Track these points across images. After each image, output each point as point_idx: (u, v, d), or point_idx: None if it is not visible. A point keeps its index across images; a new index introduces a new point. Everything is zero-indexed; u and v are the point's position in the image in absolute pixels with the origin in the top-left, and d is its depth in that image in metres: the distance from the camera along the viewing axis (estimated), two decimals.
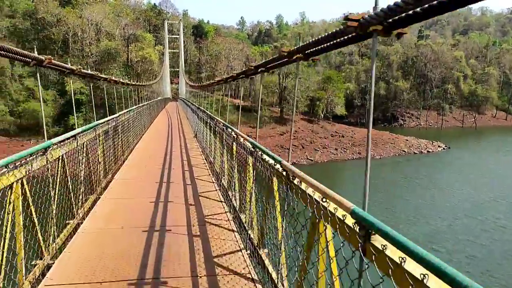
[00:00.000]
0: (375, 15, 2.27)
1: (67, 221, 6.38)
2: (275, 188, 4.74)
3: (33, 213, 4.91)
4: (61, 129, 45.81)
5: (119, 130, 12.35)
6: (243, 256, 5.25)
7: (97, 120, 10.96)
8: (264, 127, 58.43)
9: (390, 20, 2.25)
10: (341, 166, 50.68)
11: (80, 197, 7.23)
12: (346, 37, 2.85)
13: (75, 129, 7.70)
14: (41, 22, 56.58)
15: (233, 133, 8.14)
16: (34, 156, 4.85)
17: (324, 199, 2.99)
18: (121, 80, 16.22)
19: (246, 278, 4.65)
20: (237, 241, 5.76)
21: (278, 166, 4.40)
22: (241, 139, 7.18)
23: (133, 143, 15.78)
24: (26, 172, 4.57)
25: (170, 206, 7.47)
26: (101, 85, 20.73)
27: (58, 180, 5.93)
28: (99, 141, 9.20)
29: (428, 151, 59.10)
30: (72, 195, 6.61)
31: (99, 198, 8.05)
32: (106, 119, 10.23)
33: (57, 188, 5.81)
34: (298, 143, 55.35)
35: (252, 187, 5.96)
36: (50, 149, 5.35)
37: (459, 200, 33.36)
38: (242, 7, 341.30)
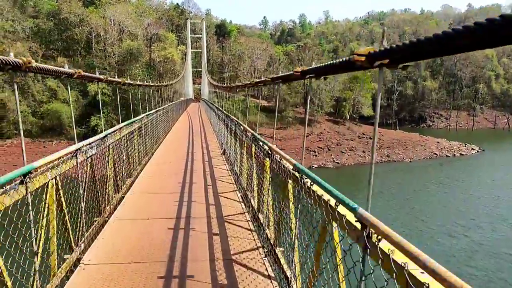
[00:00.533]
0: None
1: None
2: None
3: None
4: (83, 130, 45.28)
5: (113, 154, 8.84)
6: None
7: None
8: (288, 128, 56.83)
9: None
10: (369, 169, 48.55)
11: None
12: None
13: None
14: (64, 23, 56.37)
15: (313, 187, 3.80)
16: None
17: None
18: (129, 82, 13.81)
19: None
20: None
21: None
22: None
23: (138, 167, 12.16)
24: None
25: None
26: (123, 86, 19.30)
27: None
28: (86, 168, 6.57)
29: (461, 154, 56.37)
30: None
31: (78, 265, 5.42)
32: (90, 140, 6.93)
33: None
34: (323, 145, 53.57)
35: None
36: None
37: (500, 208, 31.04)
38: (265, 7, 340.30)
